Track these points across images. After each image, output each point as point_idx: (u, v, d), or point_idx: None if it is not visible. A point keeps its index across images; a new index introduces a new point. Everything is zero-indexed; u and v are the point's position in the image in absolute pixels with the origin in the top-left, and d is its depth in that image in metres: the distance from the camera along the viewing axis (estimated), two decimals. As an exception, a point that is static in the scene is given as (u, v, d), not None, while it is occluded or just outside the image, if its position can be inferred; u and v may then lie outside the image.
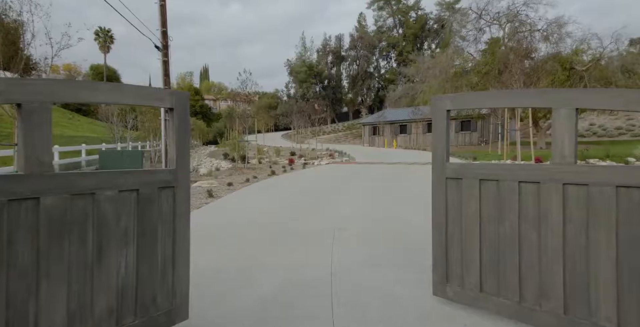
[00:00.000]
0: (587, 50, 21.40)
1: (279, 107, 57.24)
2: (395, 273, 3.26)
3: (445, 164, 2.64)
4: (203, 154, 25.73)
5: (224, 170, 13.60)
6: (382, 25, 61.14)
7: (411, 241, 4.19)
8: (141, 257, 2.10)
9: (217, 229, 4.93)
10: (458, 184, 2.57)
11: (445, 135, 2.62)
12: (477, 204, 2.49)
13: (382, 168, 13.27)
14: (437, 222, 2.69)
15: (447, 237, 2.64)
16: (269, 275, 3.26)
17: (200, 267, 3.47)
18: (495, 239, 2.43)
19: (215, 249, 4.06)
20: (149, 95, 2.19)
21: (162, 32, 13.12)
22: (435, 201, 2.70)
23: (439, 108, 2.65)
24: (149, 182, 2.14)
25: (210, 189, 8.28)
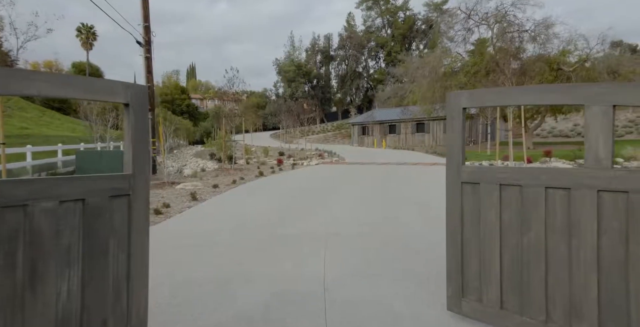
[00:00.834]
0: (574, 52, 21.65)
1: (267, 106, 56.67)
2: (397, 285, 2.95)
3: (460, 167, 2.35)
4: (189, 154, 25.09)
5: (210, 171, 13.13)
6: (371, 25, 61.19)
7: (409, 247, 3.89)
8: (88, 279, 1.78)
9: (198, 236, 4.55)
10: (475, 189, 2.29)
11: (461, 135, 2.34)
12: (497, 211, 2.21)
13: (373, 168, 13.01)
14: (452, 230, 2.41)
15: (463, 247, 2.36)
16: (255, 289, 2.91)
17: (176, 280, 3.10)
18: (518, 251, 2.16)
19: (196, 259, 3.68)
20: (99, 88, 1.85)
21: (144, 27, 12.58)
22: (449, 207, 2.41)
23: (455, 105, 2.36)
24: (97, 190, 1.80)
25: (194, 191, 7.85)
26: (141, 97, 1.99)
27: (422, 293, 2.81)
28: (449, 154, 2.42)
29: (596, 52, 21.34)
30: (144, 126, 2.01)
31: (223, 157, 13.95)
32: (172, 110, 43.71)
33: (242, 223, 5.21)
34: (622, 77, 20.42)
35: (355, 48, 58.77)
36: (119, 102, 1.93)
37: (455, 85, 24.13)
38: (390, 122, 33.92)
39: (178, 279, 3.15)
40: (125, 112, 1.97)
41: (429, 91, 25.71)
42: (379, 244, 4.06)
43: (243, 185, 9.37)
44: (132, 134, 1.95)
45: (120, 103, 1.93)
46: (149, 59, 12.94)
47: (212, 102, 57.05)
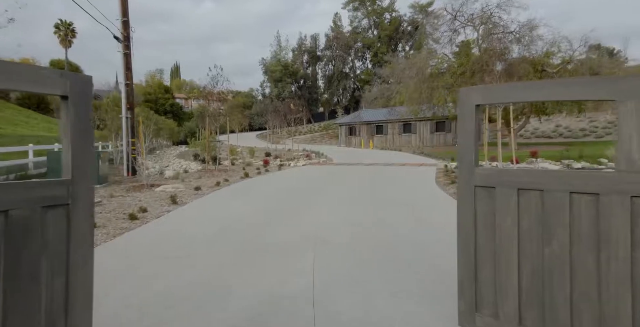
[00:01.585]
0: (557, 53, 21.98)
1: (253, 106, 56.01)
2: (396, 300, 2.67)
3: (474, 170, 2.09)
4: (172, 154, 24.40)
5: (193, 172, 12.64)
6: (358, 26, 61.25)
7: (404, 255, 3.62)
8: (12, 308, 1.44)
9: (175, 245, 4.17)
10: (490, 194, 2.03)
11: (474, 135, 2.09)
12: (515, 218, 1.96)
13: (361, 169, 12.78)
14: (464, 238, 2.15)
15: (477, 256, 2.11)
16: (235, 305, 2.58)
17: (146, 300, 2.73)
18: (539, 262, 1.91)
19: (170, 272, 3.32)
20: (26, 76, 1.49)
21: (122, 22, 12.02)
22: (461, 212, 2.16)
23: (467, 103, 2.12)
24: (24, 199, 1.47)
25: (174, 194, 7.42)
26: (83, 89, 1.66)
27: (425, 308, 2.53)
28: (460, 155, 2.17)
29: (579, 54, 21.74)
30: (86, 124, 1.69)
31: (207, 158, 13.48)
32: (156, 110, 42.64)
33: (224, 229, 4.85)
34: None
35: (342, 48, 58.71)
36: (53, 94, 1.57)
37: (442, 86, 24.22)
38: (378, 122, 33.89)
39: (147, 298, 2.78)
40: (62, 106, 1.63)
41: (415, 92, 25.73)
42: (372, 253, 3.78)
43: (227, 187, 8.97)
44: (72, 132, 1.62)
45: (56, 95, 1.57)
46: (128, 55, 12.38)
47: (197, 102, 56.04)
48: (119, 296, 2.79)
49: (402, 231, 4.61)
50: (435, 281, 2.98)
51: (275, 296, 2.77)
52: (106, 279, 3.12)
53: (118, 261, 3.67)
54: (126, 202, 6.97)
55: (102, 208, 6.39)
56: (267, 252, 3.84)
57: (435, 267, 3.28)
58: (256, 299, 2.72)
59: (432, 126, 31.05)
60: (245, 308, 2.56)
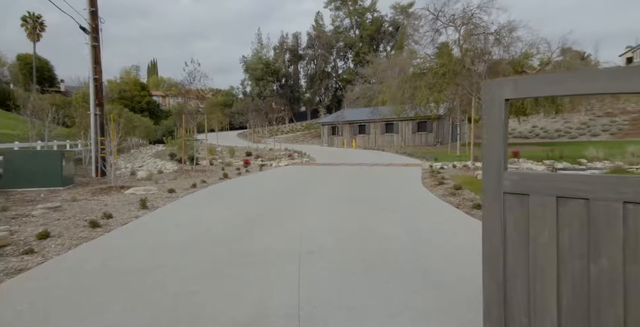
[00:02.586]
0: (536, 55, 22.35)
1: (234, 104, 54.89)
2: (395, 323, 2.27)
3: (502, 174, 1.74)
4: (147, 154, 23.37)
5: (168, 173, 11.95)
6: (339, 26, 61.10)
7: (399, 267, 3.25)
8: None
9: (141, 257, 3.65)
10: (522, 202, 1.70)
11: (503, 134, 1.79)
12: (554, 231, 1.62)
13: (345, 170, 12.42)
14: (490, 252, 1.83)
15: (506, 273, 1.79)
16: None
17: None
18: (583, 281, 1.57)
19: (130, 293, 2.82)
20: None
21: (90, 12, 11.19)
22: (487, 223, 1.83)
23: (495, 97, 1.80)
24: None
25: (145, 197, 6.81)
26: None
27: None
28: (485, 156, 1.83)
29: (557, 56, 22.19)
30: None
31: (183, 158, 12.79)
32: (131, 108, 41.05)
33: (198, 238, 4.34)
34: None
35: (324, 48, 58.42)
36: None
37: (425, 86, 24.23)
38: (360, 122, 33.73)
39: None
40: None
41: (398, 91, 25.67)
42: (363, 264, 3.38)
43: (204, 189, 8.40)
44: None
45: None
46: (97, 48, 11.56)
47: (176, 99, 54.41)
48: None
49: (394, 238, 4.24)
50: (439, 298, 2.61)
51: (255, 317, 2.33)
52: (48, 305, 2.59)
53: (68, 279, 3.12)
54: (90, 207, 6.33)
55: (60, 214, 5.74)
56: (246, 264, 3.38)
57: (435, 280, 2.91)
58: (232, 318, 2.27)
59: (414, 126, 31.14)
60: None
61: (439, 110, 25.80)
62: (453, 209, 5.81)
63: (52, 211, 5.95)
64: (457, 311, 2.42)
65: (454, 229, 4.55)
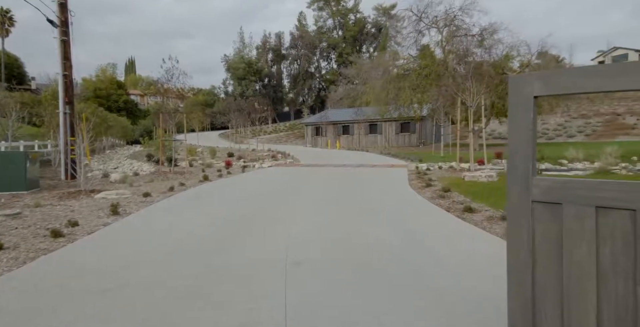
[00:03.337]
0: (516, 57, 22.74)
1: (215, 104, 53.84)
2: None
3: (531, 180, 1.52)
4: (124, 155, 22.45)
5: (145, 175, 11.36)
6: (323, 26, 60.95)
7: (396, 281, 2.97)
8: None
9: (105, 274, 3.24)
10: (554, 212, 1.48)
11: (531, 135, 1.56)
12: (593, 246, 1.40)
13: (331, 171, 12.15)
14: (517, 270, 1.64)
15: (535, 295, 1.58)
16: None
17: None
18: (627, 305, 1.35)
19: (89, 318, 2.43)
20: None
21: (59, 4, 10.50)
22: (512, 235, 1.63)
23: (523, 93, 1.58)
24: None
25: (117, 201, 6.33)
26: None
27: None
28: (511, 160, 1.60)
29: (536, 59, 22.65)
30: None
31: (161, 159, 12.21)
32: (107, 107, 39.58)
33: (174, 248, 3.95)
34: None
35: (307, 48, 58.12)
36: None
37: (409, 86, 24.29)
38: (344, 122, 33.60)
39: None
40: None
41: (382, 92, 25.65)
42: (357, 278, 3.09)
43: (182, 192, 7.94)
44: None
45: None
46: (67, 43, 10.86)
47: (155, 98, 52.85)
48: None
49: (387, 246, 3.97)
50: (446, 318, 2.35)
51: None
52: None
53: (18, 301, 2.70)
54: (54, 213, 5.80)
55: (19, 222, 5.21)
56: (226, 281, 3.03)
57: (437, 295, 2.65)
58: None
59: (397, 127, 31.25)
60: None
61: (422, 111, 25.94)
62: (444, 212, 5.61)
63: (10, 218, 5.40)
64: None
65: (448, 235, 4.33)
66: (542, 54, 23.22)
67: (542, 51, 22.47)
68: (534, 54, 21.53)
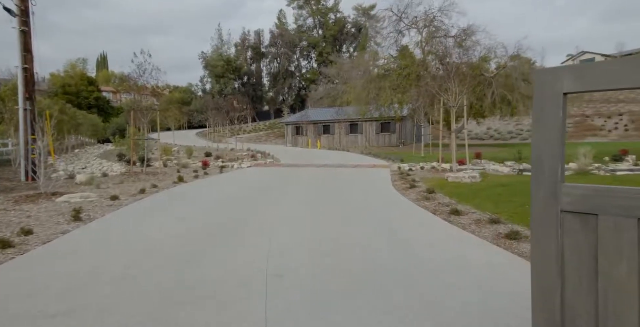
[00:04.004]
0: (494, 59, 23.18)
1: (192, 102, 52.44)
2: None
3: (559, 187, 1.33)
4: (93, 154, 21.36)
5: (115, 176, 10.69)
6: (303, 25, 60.52)
7: (383, 287, 2.71)
8: None
9: (54, 294, 2.81)
10: (587, 224, 1.29)
11: (560, 137, 1.37)
12: (635, 262, 1.20)
13: (312, 171, 11.86)
14: (543, 290, 1.43)
15: (565, 313, 1.39)
16: None
17: None
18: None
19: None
20: None
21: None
22: (537, 249, 1.43)
23: (550, 90, 1.38)
24: None
25: (81, 206, 5.79)
26: None
27: None
28: (536, 164, 1.37)
29: (510, 61, 23.16)
30: None
31: (132, 159, 11.54)
32: (77, 104, 37.75)
33: (138, 261, 3.54)
34: (532, 85, 22.44)
35: (287, 46, 57.53)
36: None
37: (389, 86, 24.33)
38: (325, 122, 33.37)
39: None
40: None
41: (363, 92, 25.60)
42: (346, 293, 2.80)
43: (154, 195, 7.43)
44: None
45: None
46: (27, 33, 10.05)
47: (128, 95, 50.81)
48: None
49: (377, 255, 3.71)
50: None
51: None
52: None
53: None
54: (7, 220, 5.22)
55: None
56: (196, 300, 2.68)
57: (435, 311, 2.41)
58: None
59: (378, 127, 31.32)
60: None
61: (402, 111, 26.06)
62: (430, 215, 5.43)
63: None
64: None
65: (438, 241, 4.12)
66: (515, 57, 23.81)
67: (515, 54, 23.03)
68: (509, 56, 21.99)
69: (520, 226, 4.45)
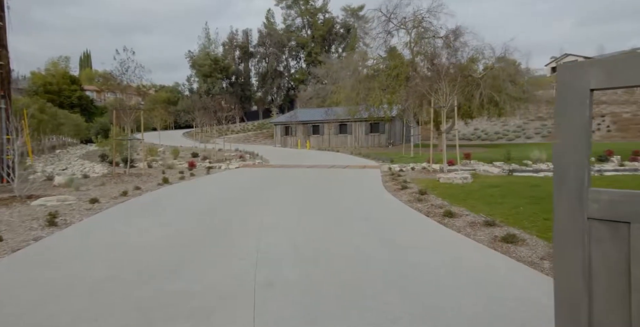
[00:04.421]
0: (481, 60, 23.37)
1: (179, 102, 51.56)
2: None
3: (586, 192, 1.22)
4: (75, 155, 20.70)
5: (96, 177, 10.29)
6: (291, 25, 60.20)
7: (381, 296, 2.54)
8: None
9: (22, 307, 2.55)
10: (618, 233, 1.19)
11: (585, 137, 1.23)
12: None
13: (302, 172, 11.65)
14: (568, 300, 1.28)
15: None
16: None
17: None
18: None
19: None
20: None
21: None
22: (562, 260, 1.28)
23: (575, 86, 1.24)
24: None
25: (57, 210, 5.47)
26: None
27: None
28: (559, 167, 1.25)
29: (497, 62, 23.39)
30: None
31: (113, 159, 11.14)
32: (59, 103, 36.69)
33: (117, 271, 3.29)
34: (518, 86, 22.75)
35: (276, 46, 57.13)
36: None
37: (378, 87, 24.28)
38: (314, 122, 33.20)
39: None
40: None
41: (352, 92, 25.50)
42: (343, 306, 2.62)
43: (137, 198, 7.12)
44: None
45: None
46: (2, 29, 9.58)
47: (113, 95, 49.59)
48: None
49: (372, 261, 3.54)
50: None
51: None
52: None
53: None
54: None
55: None
56: (177, 315, 2.46)
57: (439, 323, 2.24)
58: None
59: (367, 127, 31.30)
60: None
61: (392, 111, 26.07)
62: (423, 217, 5.30)
63: None
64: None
65: (434, 246, 3.98)
66: (501, 59, 24.07)
67: (502, 55, 23.28)
68: (497, 57, 22.20)
69: (516, 229, 4.35)
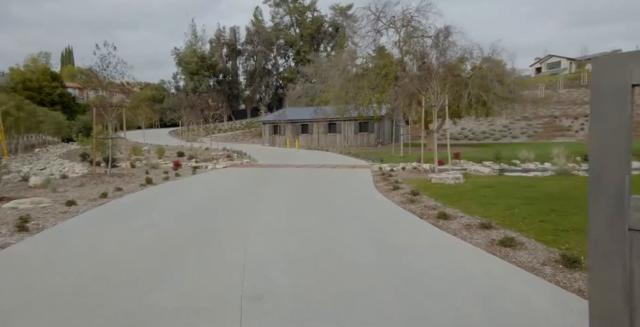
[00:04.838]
0: (470, 59, 23.50)
1: (165, 100, 50.53)
2: None
3: (626, 200, 1.08)
4: (55, 154, 19.96)
5: (75, 177, 9.83)
6: (279, 23, 59.73)
7: (379, 307, 2.34)
8: None
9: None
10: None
11: (625, 138, 1.07)
12: None
13: (291, 172, 11.41)
14: (607, 318, 1.14)
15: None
16: None
17: None
18: None
19: None
20: None
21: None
22: (599, 275, 1.14)
23: (615, 81, 1.07)
24: None
25: (29, 213, 5.11)
26: None
27: None
28: (595, 171, 1.12)
29: (485, 62, 23.56)
30: None
31: (94, 159, 10.68)
32: (39, 100, 35.50)
33: (90, 281, 3.01)
34: (505, 86, 22.98)
35: (264, 44, 56.57)
36: None
37: (368, 86, 24.18)
38: (303, 121, 32.93)
39: None
40: None
41: (342, 91, 25.34)
42: (336, 318, 2.41)
43: (117, 199, 6.77)
44: None
45: None
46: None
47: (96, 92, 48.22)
48: None
49: (368, 270, 3.35)
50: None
51: None
52: None
53: None
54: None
55: None
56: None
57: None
58: None
59: (356, 126, 31.21)
60: None
61: (381, 111, 26.01)
62: (417, 219, 5.14)
63: None
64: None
65: (430, 250, 3.81)
66: (487, 59, 24.25)
67: (490, 55, 23.46)
68: (484, 57, 22.35)
69: (514, 232, 4.22)
